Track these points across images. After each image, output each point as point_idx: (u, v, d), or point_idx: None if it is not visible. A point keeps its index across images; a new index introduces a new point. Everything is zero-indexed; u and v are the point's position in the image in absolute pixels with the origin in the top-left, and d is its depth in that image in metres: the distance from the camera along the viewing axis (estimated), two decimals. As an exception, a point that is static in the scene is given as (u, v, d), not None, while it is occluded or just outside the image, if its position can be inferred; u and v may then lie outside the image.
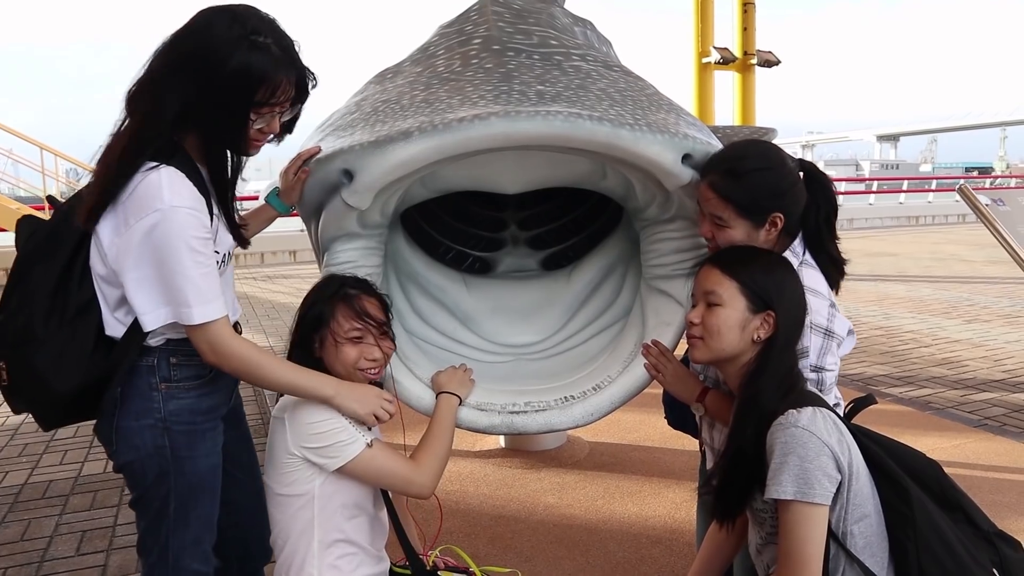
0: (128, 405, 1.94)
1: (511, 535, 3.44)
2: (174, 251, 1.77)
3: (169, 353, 1.95)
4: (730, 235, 2.06)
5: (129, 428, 1.94)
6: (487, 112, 2.06)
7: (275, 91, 1.86)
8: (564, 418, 2.45)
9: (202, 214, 1.83)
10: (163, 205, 1.76)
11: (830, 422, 1.80)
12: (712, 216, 2.08)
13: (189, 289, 1.79)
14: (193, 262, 1.79)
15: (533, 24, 2.83)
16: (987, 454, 4.31)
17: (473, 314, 2.97)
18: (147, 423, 1.94)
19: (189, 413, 1.98)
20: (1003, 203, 4.92)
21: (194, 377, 1.99)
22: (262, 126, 1.91)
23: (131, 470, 1.99)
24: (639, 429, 4.71)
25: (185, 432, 1.97)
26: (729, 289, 1.93)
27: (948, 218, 24.94)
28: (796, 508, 1.74)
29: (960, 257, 14.57)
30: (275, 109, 1.89)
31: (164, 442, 1.94)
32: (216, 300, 1.84)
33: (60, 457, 4.68)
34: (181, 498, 1.98)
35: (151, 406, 1.94)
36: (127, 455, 1.96)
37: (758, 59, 10.22)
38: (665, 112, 2.31)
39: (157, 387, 1.94)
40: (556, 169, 2.57)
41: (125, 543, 3.54)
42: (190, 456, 1.98)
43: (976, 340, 7.37)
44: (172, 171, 1.81)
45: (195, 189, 1.84)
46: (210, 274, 1.83)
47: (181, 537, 2.00)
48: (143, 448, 1.94)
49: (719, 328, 1.93)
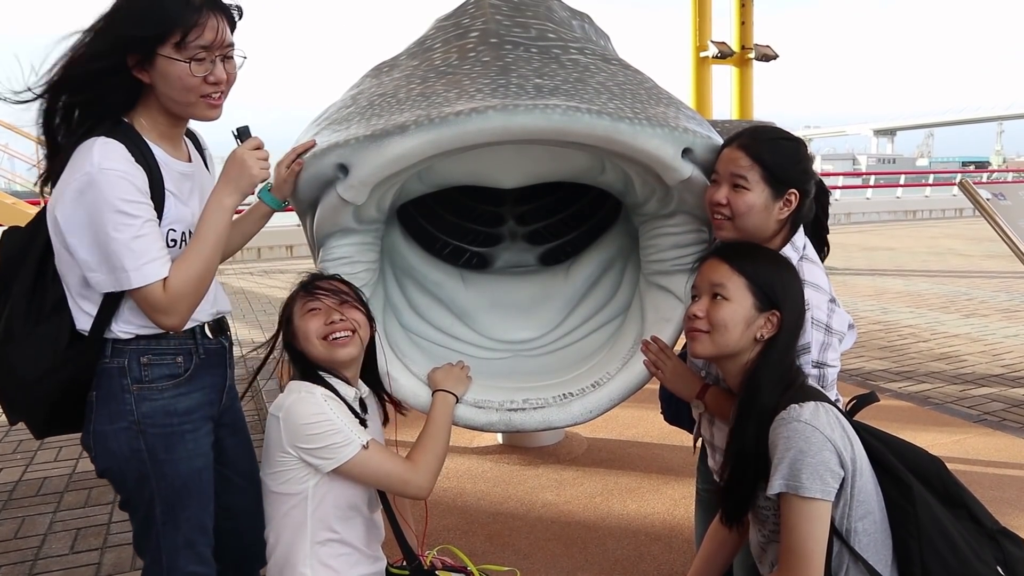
0: (101, 409, 1.91)
1: (509, 532, 3.41)
2: (102, 214, 1.74)
3: (139, 353, 1.91)
4: (749, 199, 2.04)
5: (104, 433, 1.91)
6: (484, 106, 2.04)
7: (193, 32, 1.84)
8: (563, 415, 2.43)
9: (135, 179, 1.80)
10: (92, 168, 1.75)
11: (832, 417, 1.78)
12: (734, 177, 2.06)
13: (123, 253, 1.76)
14: (123, 223, 1.76)
15: (531, 17, 2.80)
16: (987, 449, 4.30)
17: (470, 310, 2.95)
18: (121, 426, 1.90)
19: (164, 415, 1.94)
20: (1004, 197, 4.90)
21: (167, 376, 1.95)
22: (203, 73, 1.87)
23: (111, 475, 1.96)
24: (637, 425, 4.69)
25: (161, 435, 1.93)
26: (737, 284, 1.91)
27: (945, 212, 24.94)
28: (798, 504, 1.72)
29: (958, 251, 14.58)
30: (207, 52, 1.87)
31: (140, 445, 1.91)
32: (155, 260, 1.81)
33: (54, 454, 4.66)
34: (166, 502, 1.95)
35: (123, 408, 1.90)
36: (105, 460, 1.94)
37: (756, 53, 10.20)
38: (664, 106, 2.29)
39: (129, 389, 1.90)
40: (554, 163, 2.55)
41: (119, 541, 3.52)
42: (169, 459, 1.94)
43: (975, 335, 7.36)
44: (105, 139, 1.81)
45: (131, 157, 1.81)
46: (145, 237, 1.79)
47: (172, 540, 1.97)
48: (119, 453, 1.91)
49: (726, 322, 1.91)
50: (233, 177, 1.96)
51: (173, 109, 1.92)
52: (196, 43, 1.84)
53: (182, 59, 1.84)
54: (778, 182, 2.03)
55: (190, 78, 1.86)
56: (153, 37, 1.82)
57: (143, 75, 1.86)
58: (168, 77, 1.85)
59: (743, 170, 2.04)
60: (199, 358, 2.01)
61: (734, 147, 2.09)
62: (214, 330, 2.07)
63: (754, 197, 2.04)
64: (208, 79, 1.89)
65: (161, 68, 1.84)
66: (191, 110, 1.93)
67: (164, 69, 1.84)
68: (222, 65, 1.91)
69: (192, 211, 1.98)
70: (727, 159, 2.10)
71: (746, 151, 2.06)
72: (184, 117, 1.98)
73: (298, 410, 1.97)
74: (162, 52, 1.83)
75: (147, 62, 1.84)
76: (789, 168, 2.05)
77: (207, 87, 1.90)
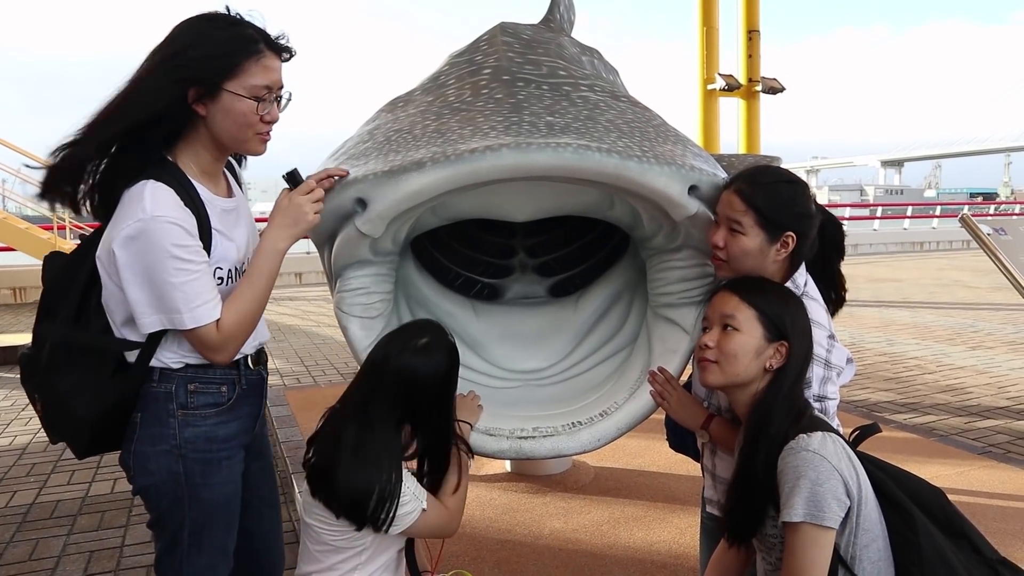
0: (145, 431, 1.96)
1: (517, 559, 3.44)
2: (158, 260, 1.80)
3: (187, 380, 1.97)
4: (744, 244, 2.10)
5: (144, 453, 1.96)
6: (498, 143, 2.10)
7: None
8: (572, 443, 2.48)
9: (186, 223, 1.85)
10: (145, 215, 1.80)
11: (839, 447, 1.83)
12: (730, 222, 2.12)
13: (177, 296, 1.82)
14: (176, 269, 1.81)
15: (542, 54, 2.88)
16: (991, 482, 4.31)
17: (481, 340, 3.00)
18: (163, 449, 1.95)
19: (205, 441, 1.99)
20: (1004, 232, 4.95)
21: (212, 405, 2.00)
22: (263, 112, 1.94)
23: (147, 495, 2.01)
24: (644, 454, 4.72)
25: (200, 460, 1.98)
26: (747, 316, 1.97)
27: (952, 244, 24.93)
28: (805, 530, 1.76)
29: (964, 283, 14.58)
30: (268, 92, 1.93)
31: (179, 468, 1.96)
32: (207, 303, 1.86)
33: (68, 477, 4.71)
34: (195, 525, 2.00)
35: (167, 432, 1.95)
36: (143, 480, 1.98)
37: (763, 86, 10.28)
38: (672, 143, 2.35)
39: (174, 413, 1.96)
40: (564, 198, 2.61)
41: (133, 564, 3.56)
42: (204, 484, 1.99)
43: (980, 367, 7.38)
44: (155, 184, 1.85)
45: (180, 202, 1.86)
46: (197, 280, 1.85)
47: (194, 563, 2.02)
48: (158, 473, 1.96)
49: (736, 352, 1.97)
50: (288, 223, 2.02)
51: (226, 143, 1.97)
52: (261, 82, 1.91)
53: (248, 96, 1.90)
54: (773, 226, 2.08)
55: (252, 115, 1.92)
56: (222, 72, 1.87)
57: (200, 108, 1.90)
58: (231, 113, 1.91)
59: (738, 215, 2.10)
60: (241, 388, 2.06)
61: (731, 191, 2.14)
62: (254, 360, 2.13)
63: (749, 242, 2.09)
64: (265, 117, 1.95)
65: (225, 103, 1.89)
66: (245, 145, 1.99)
67: (228, 105, 1.89)
68: (275, 104, 1.98)
69: (237, 245, 2.03)
70: (724, 202, 2.15)
71: (741, 196, 2.10)
72: (233, 151, 2.04)
73: None
74: (228, 88, 1.88)
75: (209, 96, 1.88)
76: (785, 212, 2.09)
77: (262, 125, 1.96)
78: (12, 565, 3.58)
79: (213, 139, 1.96)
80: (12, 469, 4.89)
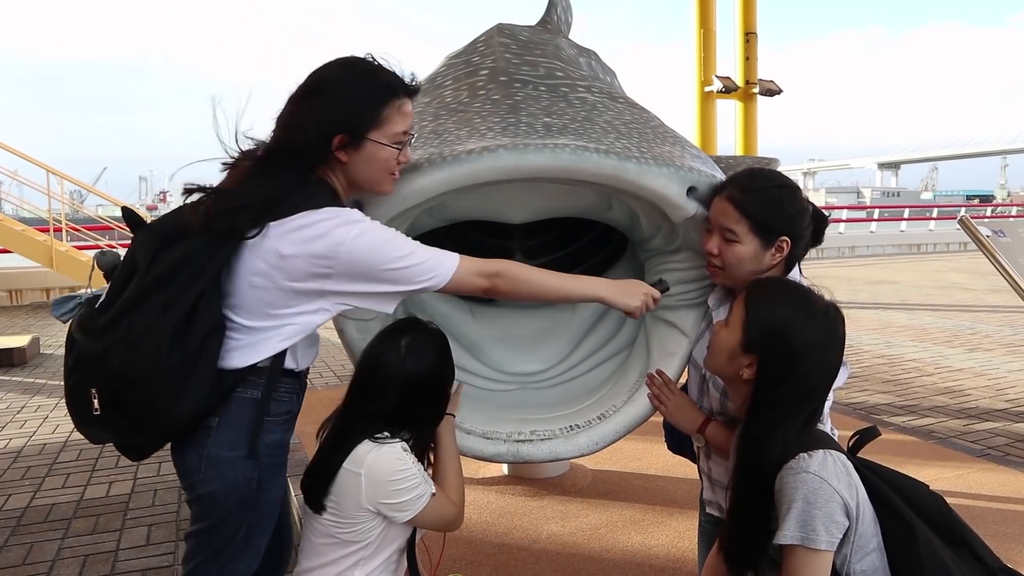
0: (224, 435, 1.92)
1: (514, 563, 3.43)
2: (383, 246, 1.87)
3: (272, 388, 1.96)
4: (738, 251, 2.09)
5: (220, 458, 1.92)
6: (495, 144, 2.09)
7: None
8: (569, 447, 2.46)
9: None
10: (354, 216, 1.88)
11: (840, 466, 1.78)
12: (723, 230, 2.10)
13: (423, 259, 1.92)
14: (403, 243, 1.91)
15: (539, 55, 2.87)
16: (990, 484, 4.30)
17: (479, 342, 2.99)
18: (241, 454, 1.92)
19: (279, 447, 2.02)
20: (1003, 234, 4.95)
21: (285, 412, 2.02)
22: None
23: (212, 499, 1.94)
24: (642, 457, 4.70)
25: (271, 466, 2.00)
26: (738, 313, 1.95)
27: (949, 246, 24.97)
28: (800, 553, 1.73)
29: (962, 285, 14.58)
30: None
31: (254, 475, 1.95)
32: (441, 254, 1.96)
33: (63, 480, 4.68)
34: (250, 528, 2.00)
35: (247, 437, 1.93)
36: (213, 484, 1.92)
37: (760, 88, 10.29)
38: (670, 145, 2.34)
39: (258, 420, 1.94)
40: (562, 199, 2.60)
41: (127, 568, 3.53)
42: (268, 488, 2.00)
43: (979, 369, 7.37)
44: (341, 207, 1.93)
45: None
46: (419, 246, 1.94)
47: (237, 566, 2.01)
48: (231, 478, 1.93)
49: (718, 347, 1.97)
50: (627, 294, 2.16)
51: (362, 185, 2.02)
52: (401, 128, 1.96)
53: (390, 144, 1.95)
54: (767, 232, 2.07)
55: (393, 161, 1.98)
56: (368, 123, 1.92)
57: (343, 155, 1.94)
58: (374, 160, 1.96)
59: (732, 223, 2.08)
60: (299, 397, 2.10)
61: (723, 198, 2.12)
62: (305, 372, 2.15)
63: (743, 249, 2.08)
64: (401, 159, 2.00)
65: (369, 151, 1.94)
66: (379, 187, 2.04)
67: (372, 152, 1.95)
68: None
69: None
70: (717, 210, 2.14)
71: (734, 203, 2.09)
72: (367, 191, 2.07)
73: (384, 466, 1.99)
74: (372, 137, 1.93)
75: (353, 144, 1.93)
76: (778, 217, 2.08)
77: (397, 167, 2.01)
78: (6, 570, 3.55)
79: (348, 180, 2.00)
80: (7, 472, 4.86)
